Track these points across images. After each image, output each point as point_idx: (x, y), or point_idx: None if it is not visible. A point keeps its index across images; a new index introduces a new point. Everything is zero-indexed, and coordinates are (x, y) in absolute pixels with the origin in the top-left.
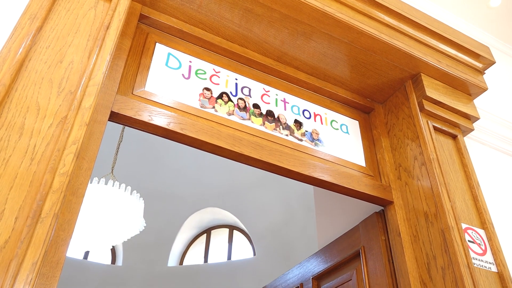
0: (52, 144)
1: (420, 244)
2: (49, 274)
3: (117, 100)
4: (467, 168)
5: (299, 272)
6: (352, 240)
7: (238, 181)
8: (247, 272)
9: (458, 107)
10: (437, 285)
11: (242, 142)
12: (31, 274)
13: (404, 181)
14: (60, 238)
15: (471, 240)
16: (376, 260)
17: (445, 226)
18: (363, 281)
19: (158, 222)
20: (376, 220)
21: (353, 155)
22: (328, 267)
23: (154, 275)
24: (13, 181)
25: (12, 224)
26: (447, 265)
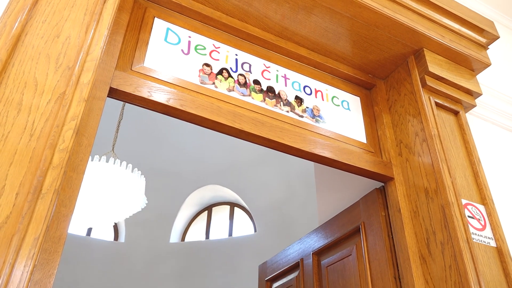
0: (51, 120)
1: (420, 220)
2: (51, 250)
3: (116, 76)
4: (468, 145)
5: (299, 248)
6: (352, 216)
7: (239, 158)
8: (248, 248)
9: (461, 83)
10: (436, 260)
11: (242, 118)
12: (33, 249)
13: (405, 157)
14: (62, 214)
15: (471, 215)
16: (376, 236)
17: (445, 202)
18: (363, 256)
19: (160, 200)
20: (376, 196)
21: (354, 132)
22: (328, 243)
23: (156, 252)
24: (12, 157)
25: (13, 200)
26: (447, 240)
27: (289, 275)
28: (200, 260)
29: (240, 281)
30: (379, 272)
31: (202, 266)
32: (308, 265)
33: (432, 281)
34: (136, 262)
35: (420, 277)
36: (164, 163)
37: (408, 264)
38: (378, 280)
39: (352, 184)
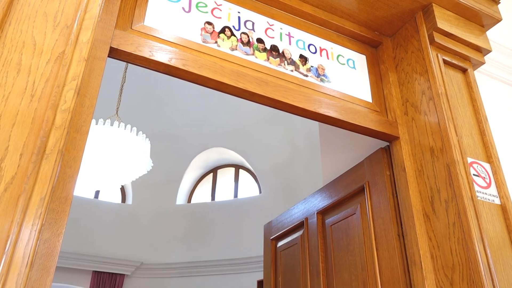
0: (52, 81)
1: (424, 179)
2: (58, 209)
3: (116, 35)
4: (475, 103)
5: (304, 207)
6: (357, 175)
7: (243, 120)
8: (253, 209)
9: (470, 39)
10: (440, 218)
11: (246, 78)
12: (40, 209)
13: (410, 116)
14: (67, 174)
15: (476, 173)
16: (380, 195)
17: (451, 160)
18: (367, 214)
19: (165, 162)
20: (381, 155)
21: (359, 91)
22: (332, 202)
23: (163, 213)
24: (14, 118)
25: (17, 161)
26: (451, 198)
27: (294, 234)
28: (206, 221)
29: (246, 241)
30: (382, 230)
31: (208, 227)
32: (312, 224)
33: (436, 238)
34: (144, 223)
35: (423, 234)
36: (168, 126)
37: (412, 221)
38: (382, 238)
39: (357, 144)
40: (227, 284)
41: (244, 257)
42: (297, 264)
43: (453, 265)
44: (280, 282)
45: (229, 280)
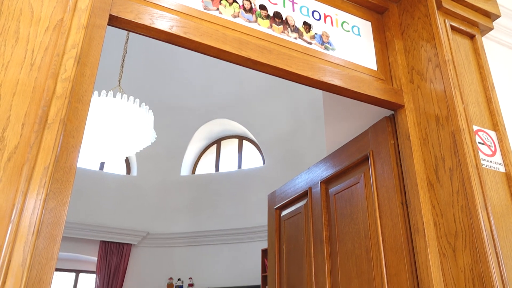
0: (51, 49)
1: (429, 147)
2: (63, 179)
3: (115, 3)
4: (483, 70)
5: (307, 177)
6: (361, 144)
7: (246, 91)
8: (256, 179)
9: (478, 4)
10: (444, 186)
11: (248, 46)
12: (44, 178)
13: (416, 84)
14: (70, 144)
15: (481, 141)
16: (384, 164)
17: (456, 128)
18: (371, 183)
19: (169, 134)
20: (385, 124)
21: (364, 59)
22: (336, 171)
23: (167, 184)
24: (15, 87)
25: (19, 130)
26: (455, 166)
27: (298, 203)
28: (211, 192)
29: (250, 211)
30: (386, 198)
31: (212, 198)
32: (316, 193)
33: (439, 206)
34: (149, 194)
35: (427, 202)
36: (171, 98)
37: (416, 190)
38: (385, 206)
39: (361, 113)
40: (231, 253)
41: (248, 226)
42: (300, 233)
43: (456, 232)
44: (284, 250)
45: (233, 249)
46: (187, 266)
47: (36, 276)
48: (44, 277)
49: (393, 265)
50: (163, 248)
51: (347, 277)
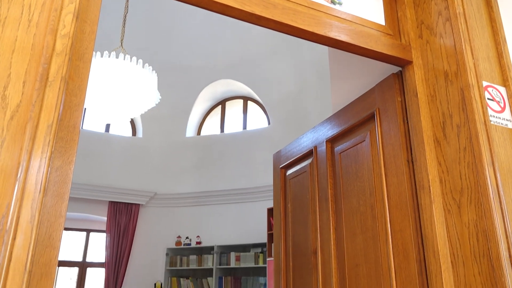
0: (48, 4)
1: (437, 104)
2: (67, 138)
3: None
4: (495, 23)
5: (313, 136)
6: (367, 102)
7: (250, 51)
8: (262, 140)
9: None
10: (451, 143)
11: (252, 0)
12: (48, 136)
13: (425, 39)
14: (73, 103)
15: (491, 98)
16: (390, 121)
17: (465, 84)
18: (377, 141)
19: (173, 95)
20: (393, 81)
21: (372, 13)
22: (342, 130)
23: (173, 145)
24: (13, 44)
25: (21, 88)
26: (463, 123)
27: (303, 162)
28: (216, 153)
29: (255, 171)
30: (392, 156)
31: (218, 158)
32: (321, 152)
33: (445, 163)
34: (155, 156)
35: (433, 160)
36: (175, 58)
37: (422, 147)
38: (391, 164)
39: (368, 71)
40: (238, 212)
41: (254, 186)
42: (306, 191)
43: (461, 188)
44: (289, 209)
45: (239, 208)
46: (194, 225)
47: (45, 233)
48: (54, 234)
49: (397, 221)
50: (170, 208)
51: (352, 234)
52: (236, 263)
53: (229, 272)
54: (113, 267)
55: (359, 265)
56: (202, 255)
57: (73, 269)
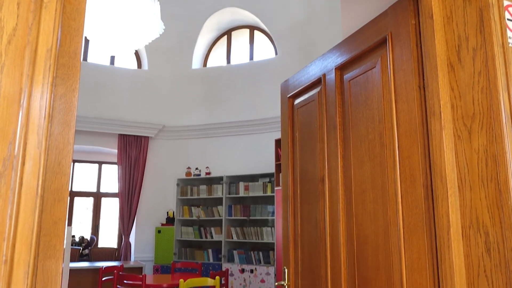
0: None
1: (453, 26)
2: (69, 64)
3: None
4: None
5: (321, 64)
6: (379, 27)
7: None
8: (269, 71)
9: None
10: (466, 67)
11: None
12: (48, 61)
13: None
14: (72, 28)
15: (510, 18)
16: (403, 46)
17: (484, 4)
18: (388, 67)
19: (177, 25)
20: (407, 2)
21: None
22: (352, 56)
23: (179, 78)
24: None
25: (15, 10)
26: (480, 46)
27: (311, 90)
28: (223, 84)
29: (263, 103)
30: (403, 82)
31: (225, 90)
32: (330, 80)
33: (458, 88)
34: (161, 88)
35: (445, 85)
36: None
37: (435, 72)
38: (402, 90)
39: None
40: (246, 143)
41: (261, 118)
42: (314, 120)
43: (473, 114)
44: (297, 138)
45: (247, 140)
46: (203, 156)
47: (55, 159)
48: (63, 160)
49: (406, 148)
50: (179, 140)
51: (359, 161)
52: (245, 192)
53: (238, 200)
54: (127, 197)
55: (366, 191)
56: (212, 185)
57: (88, 199)
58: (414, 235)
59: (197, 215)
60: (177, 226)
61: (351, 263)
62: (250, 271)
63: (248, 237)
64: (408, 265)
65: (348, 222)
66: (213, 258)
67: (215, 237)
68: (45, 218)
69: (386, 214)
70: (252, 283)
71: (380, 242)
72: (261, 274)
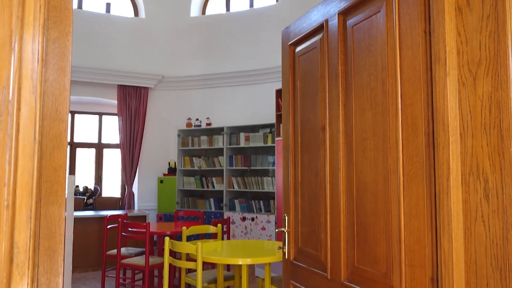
0: None
1: None
2: (61, 6)
3: None
4: None
5: (324, 9)
6: None
7: None
8: (270, 19)
9: None
10: (474, 10)
11: None
12: (38, 2)
13: None
14: None
15: None
16: None
17: None
18: (393, 12)
19: None
20: None
21: None
22: (356, 1)
23: (177, 26)
24: None
25: None
26: None
27: (313, 37)
28: (222, 33)
29: (263, 52)
30: (408, 27)
31: (224, 39)
32: (333, 26)
33: (465, 33)
34: (159, 37)
35: (452, 30)
36: None
37: (442, 16)
38: (407, 36)
39: None
40: (246, 94)
41: (262, 68)
42: (315, 68)
43: (479, 60)
44: (298, 86)
45: (248, 90)
46: (204, 107)
47: (51, 106)
48: (60, 107)
49: (409, 95)
50: (179, 90)
51: (361, 109)
52: (245, 143)
53: (239, 151)
54: (128, 148)
55: (366, 139)
56: (213, 136)
57: (90, 151)
58: (414, 183)
59: (198, 165)
60: (179, 176)
61: (350, 210)
62: (251, 219)
63: (249, 187)
64: (407, 211)
65: (348, 170)
66: (215, 207)
67: (217, 187)
68: (45, 165)
69: (387, 162)
70: (253, 230)
71: (379, 189)
72: (262, 222)
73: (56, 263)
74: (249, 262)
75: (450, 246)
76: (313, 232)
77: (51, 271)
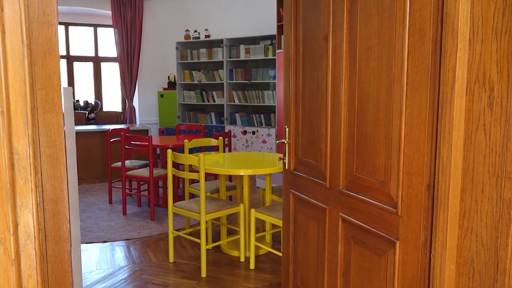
0: None
1: None
2: None
3: None
4: None
5: None
6: None
7: None
8: None
9: None
10: None
11: None
12: None
13: None
14: None
15: None
16: None
17: None
18: None
19: None
20: None
21: None
22: None
23: None
24: None
25: None
26: None
27: None
28: None
29: None
30: None
31: None
32: None
33: None
34: None
35: None
36: None
37: None
38: None
39: None
40: (246, 3)
41: None
42: None
43: None
44: None
45: (248, 0)
46: (202, 18)
47: (38, 8)
48: (47, 9)
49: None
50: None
51: (367, 15)
52: (246, 55)
53: (239, 64)
54: (126, 62)
55: (371, 47)
56: (212, 49)
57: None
58: (417, 92)
59: (198, 79)
60: (179, 90)
61: (351, 120)
62: (252, 133)
63: (250, 100)
64: (408, 121)
65: (351, 81)
66: (216, 120)
67: (217, 101)
68: (38, 71)
69: (391, 71)
70: (254, 143)
71: (381, 99)
72: (262, 135)
73: (59, 170)
74: (250, 173)
75: (449, 154)
76: (313, 143)
77: (55, 177)
